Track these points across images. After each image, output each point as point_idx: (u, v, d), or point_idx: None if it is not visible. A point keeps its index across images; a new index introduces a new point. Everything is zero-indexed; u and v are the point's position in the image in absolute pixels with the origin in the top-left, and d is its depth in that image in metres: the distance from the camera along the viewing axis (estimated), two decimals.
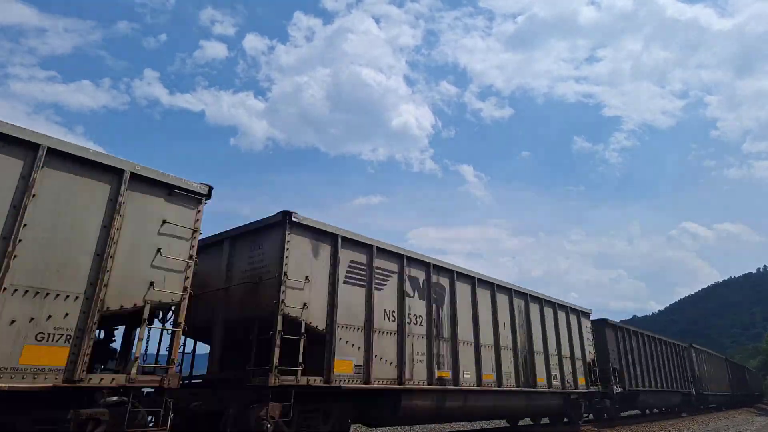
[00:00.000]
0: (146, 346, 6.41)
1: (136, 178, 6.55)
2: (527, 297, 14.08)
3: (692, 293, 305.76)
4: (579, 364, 15.73)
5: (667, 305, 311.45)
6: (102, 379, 5.78)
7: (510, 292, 13.46)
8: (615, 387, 17.84)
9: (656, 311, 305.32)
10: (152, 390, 6.47)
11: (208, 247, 9.48)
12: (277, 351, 7.57)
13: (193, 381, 8.94)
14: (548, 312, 14.88)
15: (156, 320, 7.00)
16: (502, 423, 16.25)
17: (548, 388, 13.84)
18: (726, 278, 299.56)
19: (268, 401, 7.41)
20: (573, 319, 16.10)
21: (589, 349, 16.57)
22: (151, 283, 6.43)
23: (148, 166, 6.73)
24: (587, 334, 16.68)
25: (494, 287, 12.89)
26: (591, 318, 17.66)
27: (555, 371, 14.35)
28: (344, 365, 8.59)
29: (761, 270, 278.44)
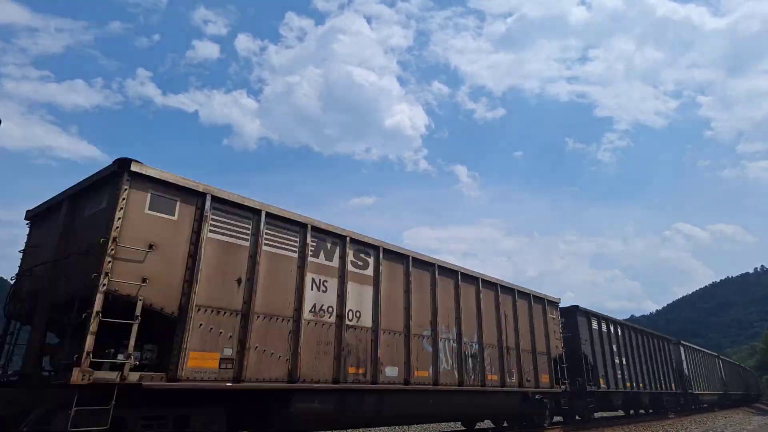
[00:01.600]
0: None
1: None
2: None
3: (690, 293, 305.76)
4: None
5: (665, 305, 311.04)
6: None
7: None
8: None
9: (654, 311, 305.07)
10: None
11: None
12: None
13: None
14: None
15: None
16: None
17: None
18: (723, 278, 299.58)
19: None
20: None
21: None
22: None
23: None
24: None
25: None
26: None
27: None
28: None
29: (758, 270, 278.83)
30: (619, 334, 19.67)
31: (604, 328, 18.34)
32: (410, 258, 10.39)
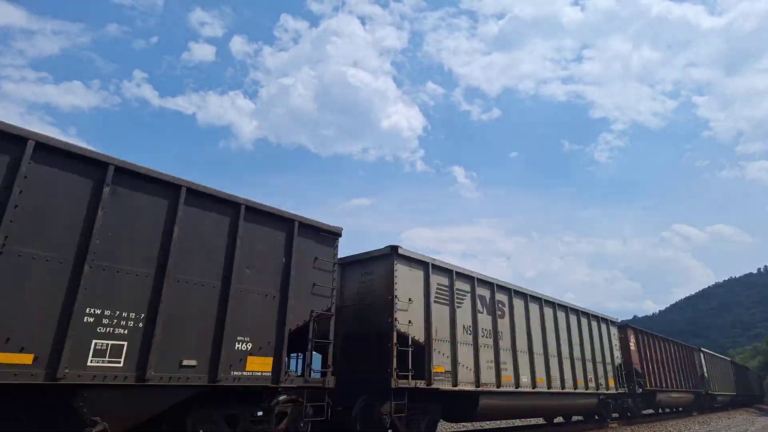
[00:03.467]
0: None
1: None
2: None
3: (692, 293, 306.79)
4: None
5: (667, 305, 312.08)
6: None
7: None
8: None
9: (656, 311, 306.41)
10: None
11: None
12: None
13: None
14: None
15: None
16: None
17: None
18: (726, 278, 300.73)
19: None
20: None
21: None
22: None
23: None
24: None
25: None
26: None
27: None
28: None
29: (761, 270, 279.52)
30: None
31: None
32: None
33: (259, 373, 7.23)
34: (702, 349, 31.95)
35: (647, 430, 17.52)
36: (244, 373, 7.08)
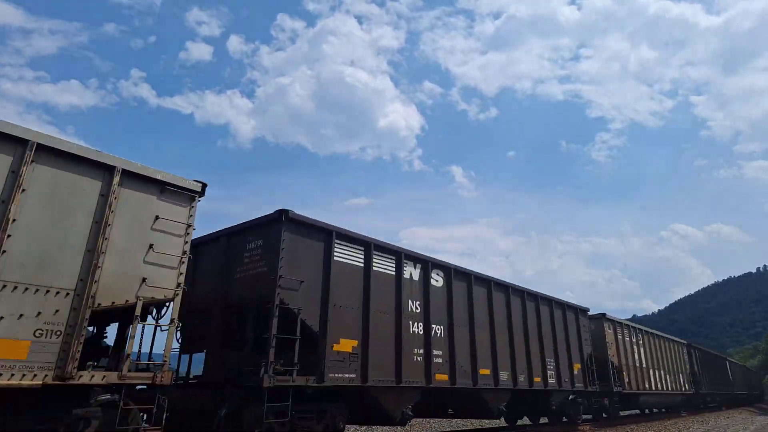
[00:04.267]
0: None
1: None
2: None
3: (691, 293, 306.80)
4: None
5: (667, 305, 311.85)
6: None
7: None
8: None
9: (655, 311, 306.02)
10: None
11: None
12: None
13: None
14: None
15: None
16: (501, 422, 16.21)
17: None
18: (725, 278, 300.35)
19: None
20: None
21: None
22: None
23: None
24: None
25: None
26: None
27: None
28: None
29: (761, 270, 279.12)
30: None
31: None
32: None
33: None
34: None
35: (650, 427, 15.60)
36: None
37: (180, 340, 9.23)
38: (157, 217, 6.72)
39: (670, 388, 23.79)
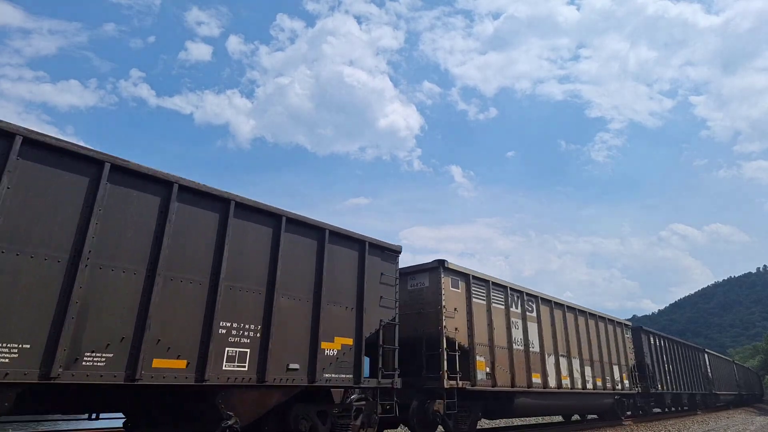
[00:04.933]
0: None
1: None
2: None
3: (691, 293, 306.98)
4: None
5: (667, 305, 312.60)
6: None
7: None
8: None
9: (655, 311, 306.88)
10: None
11: None
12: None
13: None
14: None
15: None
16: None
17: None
18: (725, 278, 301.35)
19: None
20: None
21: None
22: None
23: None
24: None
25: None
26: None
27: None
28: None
29: (761, 270, 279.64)
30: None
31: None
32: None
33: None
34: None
35: (659, 427, 18.70)
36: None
37: None
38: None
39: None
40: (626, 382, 18.89)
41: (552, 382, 14.32)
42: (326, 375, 8.20)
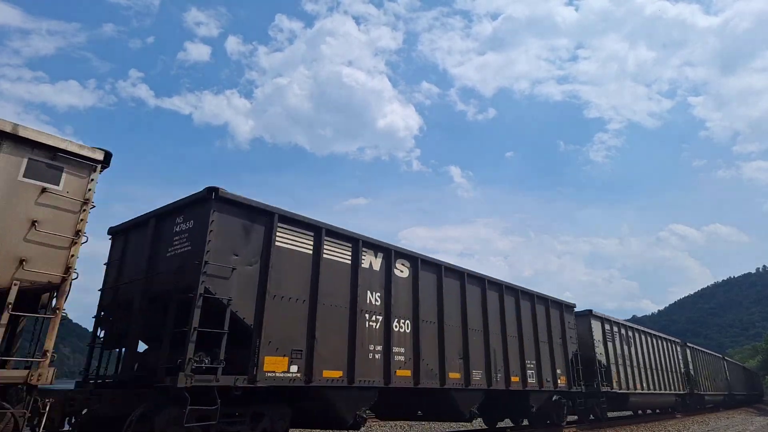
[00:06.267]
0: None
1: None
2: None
3: (691, 293, 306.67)
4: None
5: (666, 305, 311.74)
6: None
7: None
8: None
9: (655, 311, 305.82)
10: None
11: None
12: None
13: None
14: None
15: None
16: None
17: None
18: (725, 278, 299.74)
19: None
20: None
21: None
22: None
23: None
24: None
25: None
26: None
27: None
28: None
29: (760, 270, 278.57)
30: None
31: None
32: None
33: None
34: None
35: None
36: None
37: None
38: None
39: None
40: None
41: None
42: None
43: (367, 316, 9.13)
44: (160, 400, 6.56)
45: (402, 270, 10.29)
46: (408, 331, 9.93)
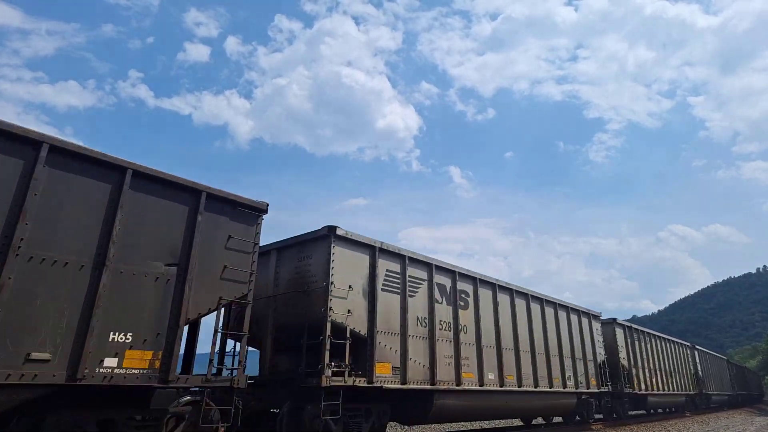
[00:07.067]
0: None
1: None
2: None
3: (691, 293, 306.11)
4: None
5: (666, 305, 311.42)
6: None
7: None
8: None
9: (655, 311, 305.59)
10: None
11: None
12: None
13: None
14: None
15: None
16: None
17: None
18: (725, 278, 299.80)
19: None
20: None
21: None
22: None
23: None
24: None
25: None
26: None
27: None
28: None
29: (760, 270, 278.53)
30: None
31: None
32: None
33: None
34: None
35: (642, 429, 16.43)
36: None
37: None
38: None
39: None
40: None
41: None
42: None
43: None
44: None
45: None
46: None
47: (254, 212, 7.91)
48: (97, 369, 5.69)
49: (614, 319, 19.63)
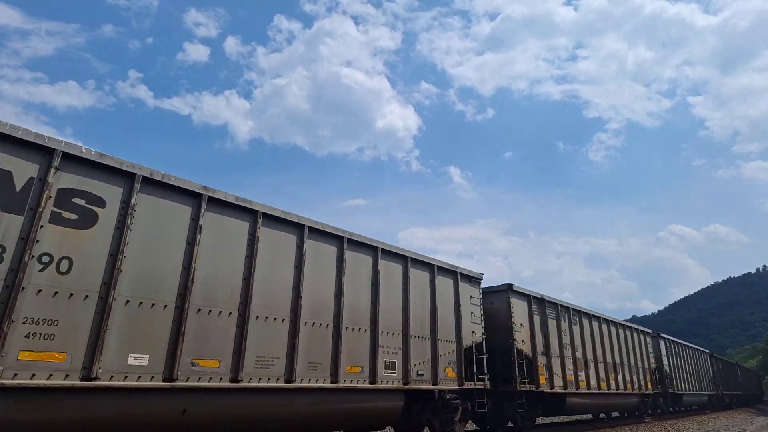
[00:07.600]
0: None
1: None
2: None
3: (691, 293, 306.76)
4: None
5: (666, 305, 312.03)
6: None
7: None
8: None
9: (655, 311, 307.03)
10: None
11: None
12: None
13: None
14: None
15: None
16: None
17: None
18: (725, 278, 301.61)
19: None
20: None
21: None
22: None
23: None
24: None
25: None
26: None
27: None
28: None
29: (760, 270, 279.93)
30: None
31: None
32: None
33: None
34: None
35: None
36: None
37: None
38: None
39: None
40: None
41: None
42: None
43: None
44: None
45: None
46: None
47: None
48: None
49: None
